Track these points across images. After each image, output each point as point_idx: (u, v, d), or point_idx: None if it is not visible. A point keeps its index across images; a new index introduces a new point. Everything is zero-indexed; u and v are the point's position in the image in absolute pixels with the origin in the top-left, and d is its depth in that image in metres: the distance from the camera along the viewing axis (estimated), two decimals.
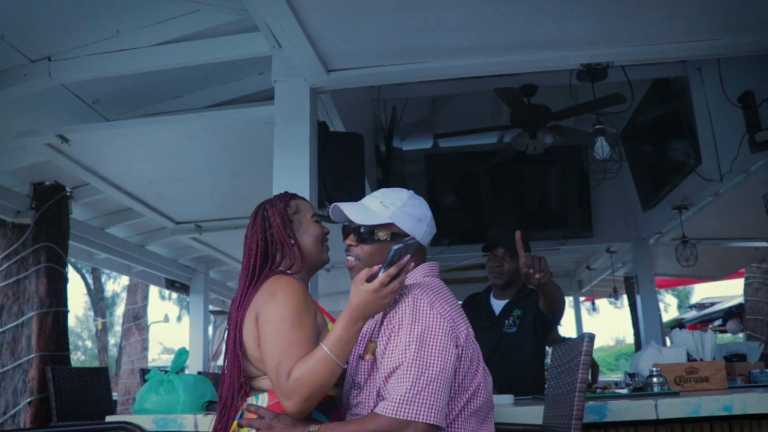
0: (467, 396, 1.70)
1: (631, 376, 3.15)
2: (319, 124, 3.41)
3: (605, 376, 17.22)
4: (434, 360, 1.61)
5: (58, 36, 3.34)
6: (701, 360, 3.26)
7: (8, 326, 4.33)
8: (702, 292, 26.64)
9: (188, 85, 4.19)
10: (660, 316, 8.99)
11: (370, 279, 1.66)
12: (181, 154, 4.06)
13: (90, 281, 18.45)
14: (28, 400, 4.06)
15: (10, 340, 4.29)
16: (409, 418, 1.54)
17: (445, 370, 1.62)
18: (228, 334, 1.86)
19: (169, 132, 3.76)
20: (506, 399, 2.71)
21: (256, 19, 2.97)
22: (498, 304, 3.50)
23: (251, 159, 4.17)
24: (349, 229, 1.87)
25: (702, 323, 12.81)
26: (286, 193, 2.01)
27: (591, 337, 1.87)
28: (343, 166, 3.45)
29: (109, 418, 2.70)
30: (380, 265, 1.67)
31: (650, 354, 3.20)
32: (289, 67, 3.17)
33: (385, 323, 1.71)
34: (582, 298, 12.25)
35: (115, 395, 10.40)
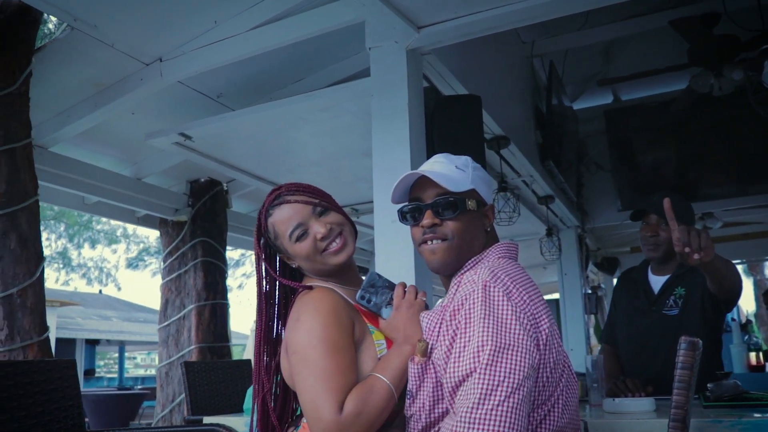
0: (544, 411, 1.31)
1: None
2: (426, 89, 3.06)
3: None
4: (515, 364, 1.24)
5: (164, 36, 3.36)
6: None
7: (172, 319, 4.60)
8: None
9: (308, 66, 4.05)
10: None
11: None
12: (304, 138, 3.92)
13: None
14: None
15: (174, 333, 4.56)
16: None
17: (529, 377, 1.24)
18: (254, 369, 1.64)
19: (284, 117, 3.62)
20: (643, 404, 2.17)
21: None
22: (657, 281, 2.92)
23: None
24: (421, 207, 1.50)
25: None
26: (260, 212, 1.64)
27: (690, 344, 1.33)
28: (456, 133, 3.06)
29: (207, 419, 2.63)
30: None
31: None
32: (377, 30, 2.86)
33: (447, 317, 1.36)
34: None
35: None
